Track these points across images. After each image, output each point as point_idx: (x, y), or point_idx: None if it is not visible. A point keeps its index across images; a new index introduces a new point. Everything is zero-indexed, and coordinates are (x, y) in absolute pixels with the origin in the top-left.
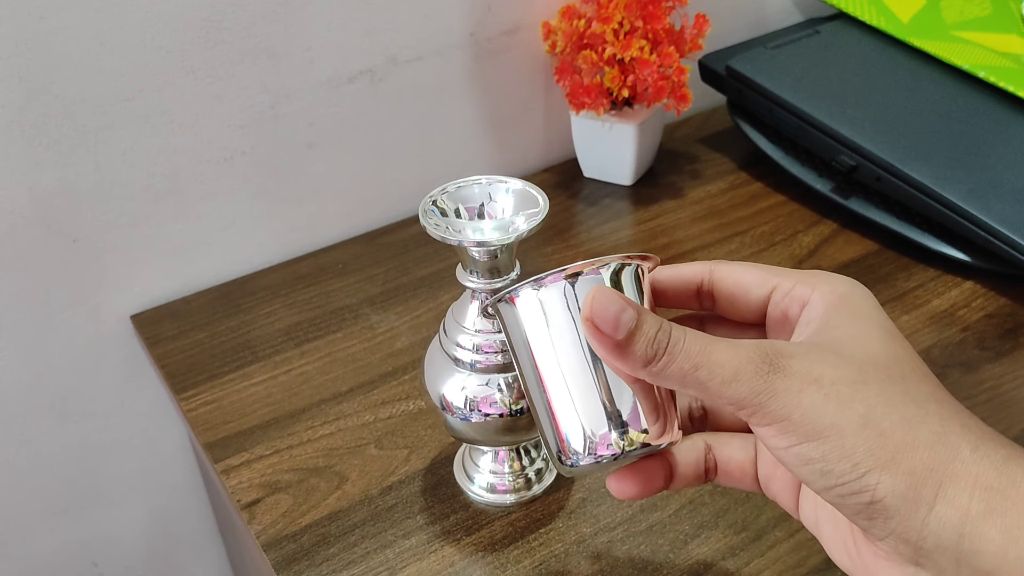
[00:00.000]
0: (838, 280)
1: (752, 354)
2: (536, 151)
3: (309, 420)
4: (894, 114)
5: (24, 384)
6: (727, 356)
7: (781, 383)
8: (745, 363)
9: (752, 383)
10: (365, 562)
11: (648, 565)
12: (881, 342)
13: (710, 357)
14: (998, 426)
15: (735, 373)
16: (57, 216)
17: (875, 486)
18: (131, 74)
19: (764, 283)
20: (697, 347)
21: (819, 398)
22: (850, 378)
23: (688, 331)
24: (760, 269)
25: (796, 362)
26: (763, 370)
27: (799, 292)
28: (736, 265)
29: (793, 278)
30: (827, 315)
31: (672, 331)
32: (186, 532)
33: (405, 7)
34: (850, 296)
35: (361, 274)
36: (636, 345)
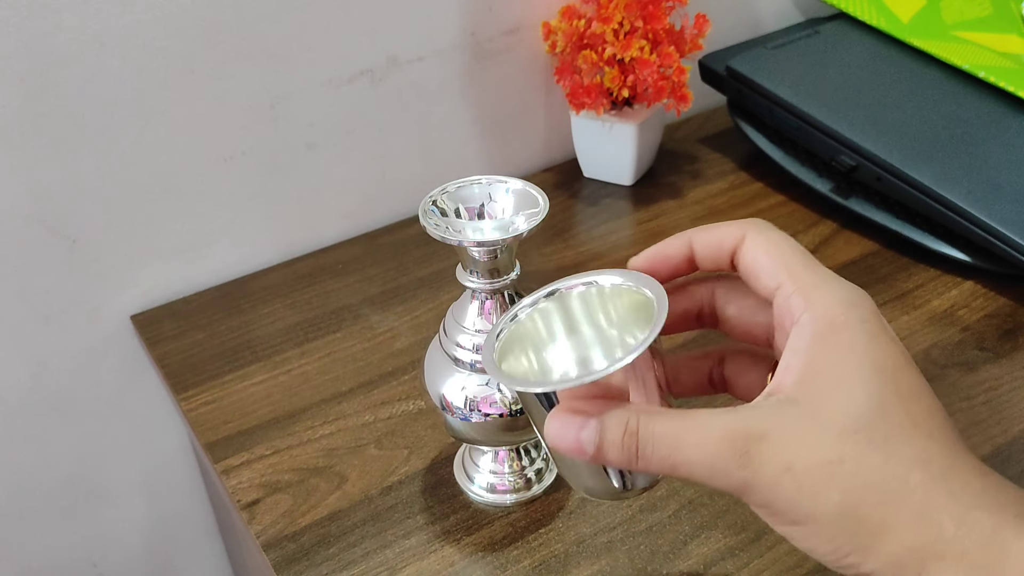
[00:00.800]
0: (836, 297)
1: (722, 448)
2: (536, 151)
3: (309, 420)
4: (894, 114)
5: (24, 384)
6: (698, 453)
7: (754, 477)
8: (716, 460)
9: (728, 479)
10: (365, 562)
11: (648, 565)
12: (867, 391)
13: (683, 455)
14: (997, 427)
15: (710, 471)
16: (57, 216)
17: (858, 565)
18: (131, 74)
19: (772, 276)
20: (666, 448)
21: (793, 489)
22: (825, 459)
23: (658, 425)
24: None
25: (767, 447)
26: (735, 464)
27: (794, 305)
28: (763, 239)
29: (795, 282)
30: (812, 352)
31: (640, 431)
32: (186, 532)
33: (405, 7)
34: (842, 327)
35: (361, 274)
36: (609, 455)
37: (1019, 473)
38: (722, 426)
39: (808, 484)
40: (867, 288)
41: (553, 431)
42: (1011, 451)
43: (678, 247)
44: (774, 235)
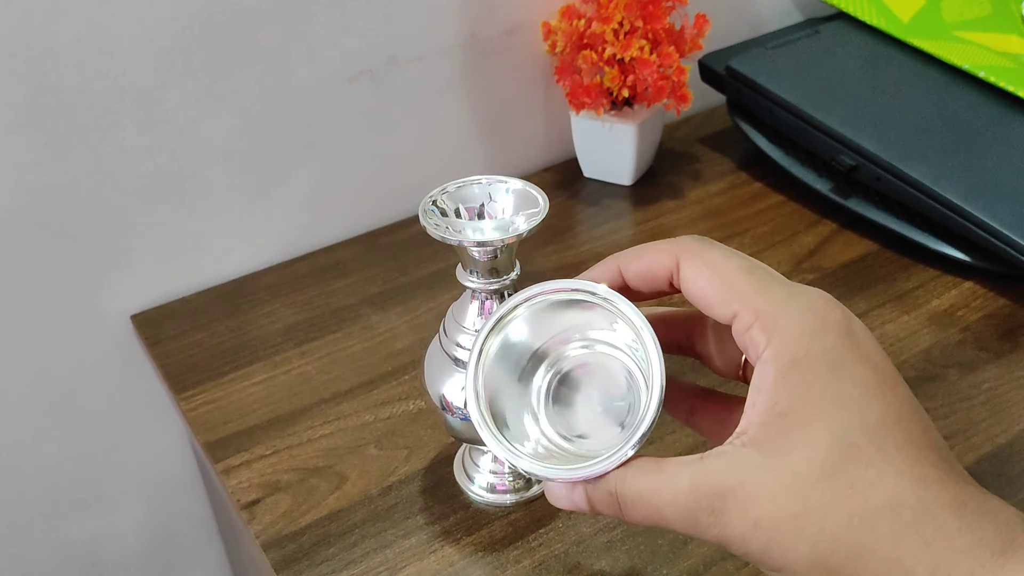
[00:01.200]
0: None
1: (692, 507)
2: (536, 151)
3: (309, 420)
4: (894, 114)
5: (24, 384)
6: (673, 512)
7: (724, 533)
8: (689, 518)
9: (705, 535)
10: (365, 562)
11: (648, 565)
12: (832, 432)
13: (661, 514)
14: (996, 427)
15: (686, 527)
16: (57, 216)
17: None
18: (131, 74)
19: (725, 305)
20: (645, 508)
21: (763, 543)
22: (790, 512)
23: (635, 484)
24: (723, 284)
25: (732, 504)
26: (705, 523)
27: (756, 337)
28: (701, 264)
29: (751, 310)
30: (776, 393)
31: (619, 494)
32: (186, 532)
33: (405, 7)
34: (803, 364)
35: (361, 274)
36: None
37: (1019, 473)
38: (688, 484)
39: (776, 538)
40: (867, 288)
41: (553, 493)
42: (1011, 451)
43: (607, 277)
44: (709, 255)
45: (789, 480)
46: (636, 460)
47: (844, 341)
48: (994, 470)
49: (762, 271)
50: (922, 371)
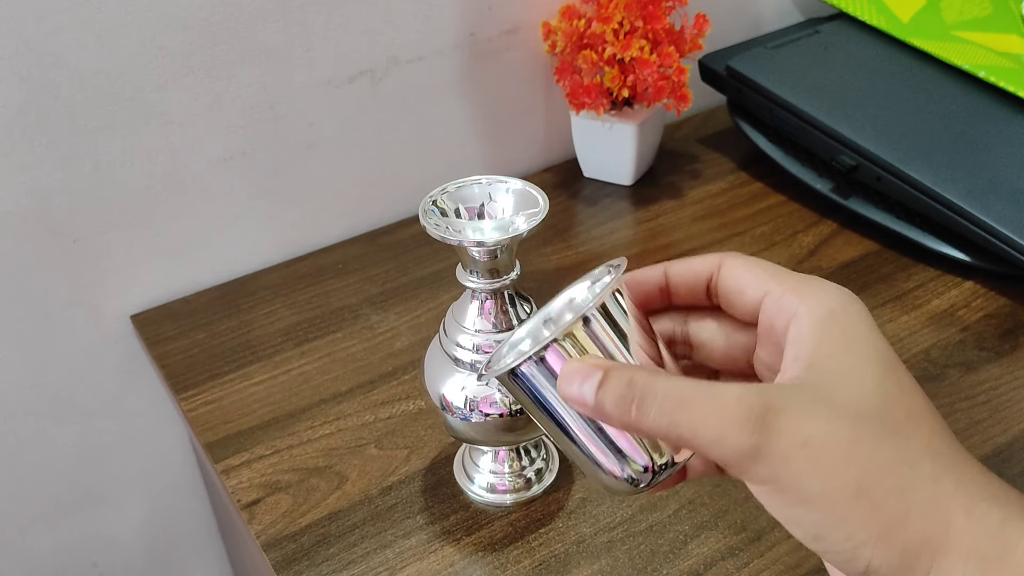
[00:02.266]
0: (829, 293)
1: (736, 411)
2: (536, 151)
3: (309, 420)
4: (894, 114)
5: (24, 384)
6: (708, 414)
7: (768, 446)
8: (729, 423)
9: (737, 445)
10: (365, 562)
11: (648, 565)
12: (875, 379)
13: (689, 415)
14: (997, 427)
15: (719, 435)
16: (57, 216)
17: (869, 560)
18: (131, 74)
19: (759, 286)
20: (671, 404)
21: (808, 465)
22: (843, 437)
23: (664, 384)
24: (760, 270)
25: (785, 419)
26: (748, 430)
27: (787, 303)
28: (742, 261)
29: (784, 285)
30: (817, 338)
31: (643, 386)
32: (186, 532)
33: (405, 7)
34: (841, 315)
35: (361, 274)
36: (606, 406)
37: (1019, 473)
38: (737, 394)
39: (825, 460)
40: (867, 288)
41: (562, 377)
42: (1011, 451)
43: (654, 276)
44: (751, 258)
45: (842, 411)
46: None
47: (871, 317)
48: (994, 469)
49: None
50: (922, 371)
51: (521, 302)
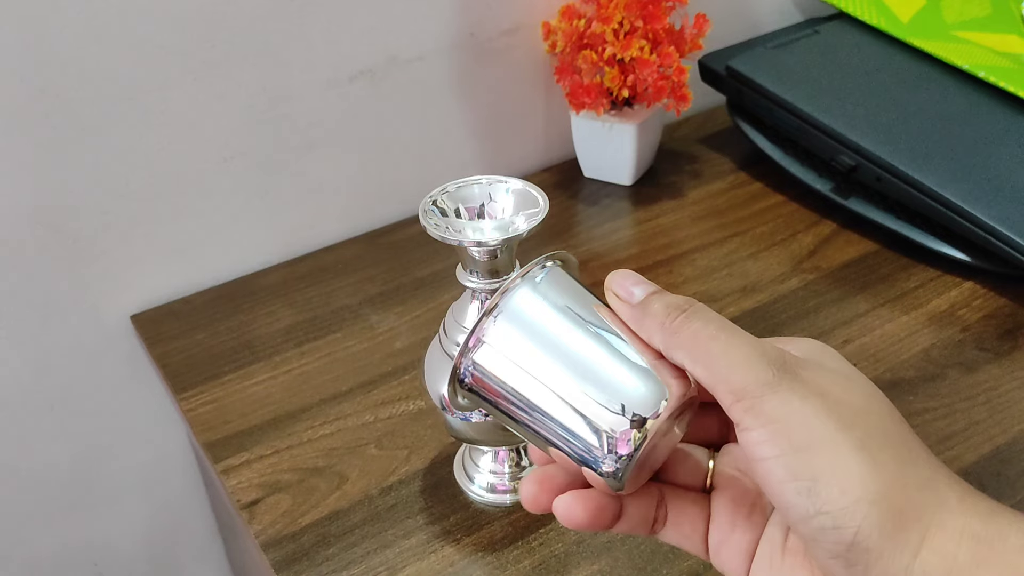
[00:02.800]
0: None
1: (767, 348)
2: (536, 151)
3: (309, 420)
4: (894, 114)
5: (24, 384)
6: (742, 340)
7: (787, 382)
8: (758, 353)
9: (759, 373)
10: (365, 562)
11: (647, 565)
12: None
13: (728, 335)
14: (997, 427)
15: (747, 358)
16: (57, 216)
17: (860, 521)
18: (131, 74)
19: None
20: (716, 322)
21: (822, 410)
22: (855, 404)
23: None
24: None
25: (807, 372)
26: (775, 364)
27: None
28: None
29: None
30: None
31: (693, 303)
32: (186, 532)
33: (405, 7)
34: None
35: (361, 274)
36: (653, 310)
37: (1019, 473)
38: (772, 340)
39: (837, 412)
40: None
41: (615, 275)
42: (1011, 451)
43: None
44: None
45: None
46: None
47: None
48: (993, 470)
49: None
50: (922, 371)
51: None
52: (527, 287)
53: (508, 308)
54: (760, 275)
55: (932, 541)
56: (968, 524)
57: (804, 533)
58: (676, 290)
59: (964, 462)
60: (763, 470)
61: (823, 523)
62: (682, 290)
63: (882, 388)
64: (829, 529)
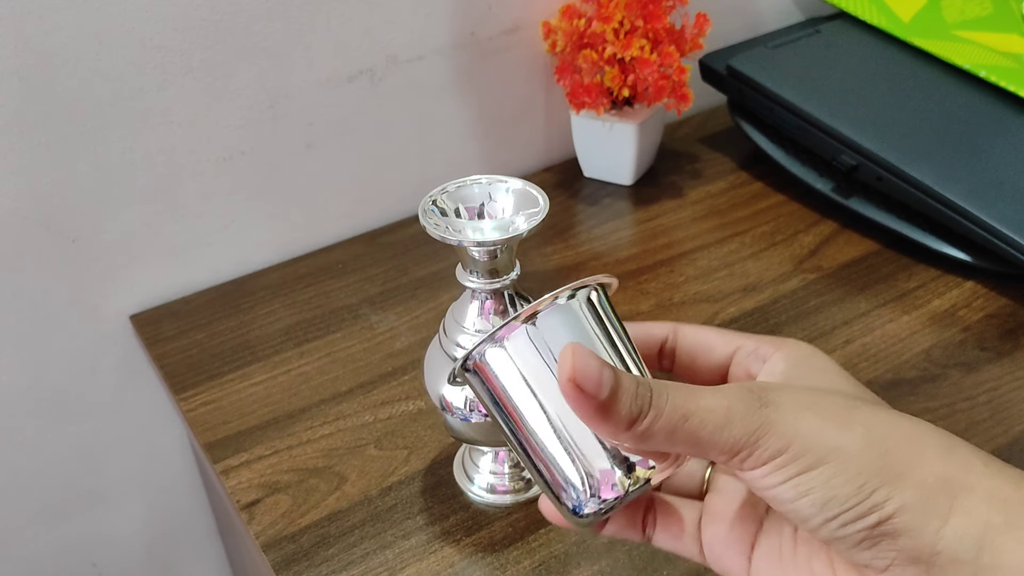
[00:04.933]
0: (801, 344)
1: (740, 393)
2: (536, 151)
3: (309, 420)
4: (895, 114)
5: (23, 384)
6: (715, 400)
7: (775, 415)
8: (736, 403)
9: (746, 422)
10: (365, 563)
11: (648, 566)
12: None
13: (698, 404)
14: (998, 427)
15: (727, 416)
16: (57, 216)
17: (883, 503)
18: (131, 74)
19: (728, 343)
20: (682, 396)
21: (818, 422)
22: (842, 403)
23: (668, 382)
24: (724, 331)
25: (785, 395)
26: (755, 406)
27: (763, 351)
28: (699, 326)
29: (756, 340)
30: (790, 370)
31: (652, 384)
32: (185, 532)
33: (405, 6)
34: (812, 357)
35: (361, 274)
36: (620, 403)
37: None
38: (735, 385)
39: (832, 416)
40: (868, 288)
41: (579, 360)
42: (1012, 451)
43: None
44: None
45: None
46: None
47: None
48: None
49: None
50: (923, 371)
51: (521, 302)
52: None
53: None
54: (761, 275)
55: (962, 506)
56: (998, 487)
57: (823, 537)
58: (677, 290)
59: None
60: (772, 495)
61: (843, 520)
62: (683, 290)
63: (883, 388)
64: (850, 523)
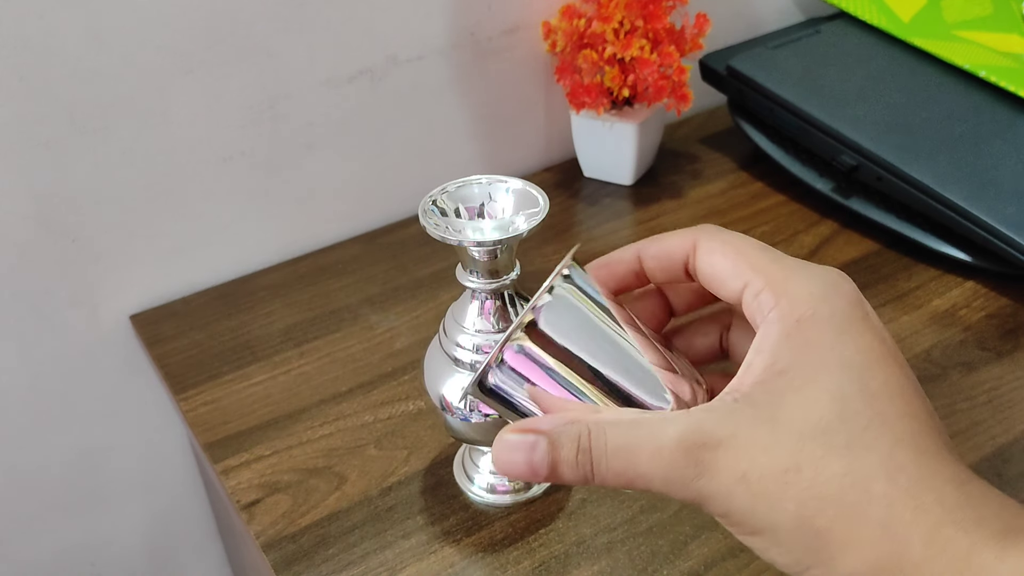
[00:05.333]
0: (804, 291)
1: (677, 458)
2: (536, 151)
3: (309, 420)
4: (895, 114)
5: (23, 384)
6: (653, 466)
7: (709, 487)
8: (671, 471)
9: (684, 491)
10: (365, 563)
11: (648, 566)
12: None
13: (637, 470)
14: (998, 427)
15: (665, 483)
16: (56, 216)
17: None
18: (131, 74)
19: (737, 277)
20: (620, 463)
21: (748, 499)
22: (780, 467)
23: (611, 438)
24: (737, 255)
25: (722, 455)
26: (690, 475)
27: (765, 300)
28: (718, 243)
29: (763, 277)
30: (776, 352)
31: (593, 448)
32: (185, 533)
33: (405, 6)
34: (808, 323)
35: (361, 274)
36: (564, 475)
37: (1020, 473)
38: (675, 435)
39: (763, 493)
40: (868, 288)
41: (501, 456)
42: (1012, 451)
43: (626, 260)
44: (727, 236)
45: (783, 434)
46: (610, 413)
47: (853, 309)
48: (994, 470)
49: (778, 252)
50: (923, 371)
51: (521, 302)
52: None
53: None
54: None
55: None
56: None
57: None
58: None
59: (966, 462)
60: None
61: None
62: None
63: None
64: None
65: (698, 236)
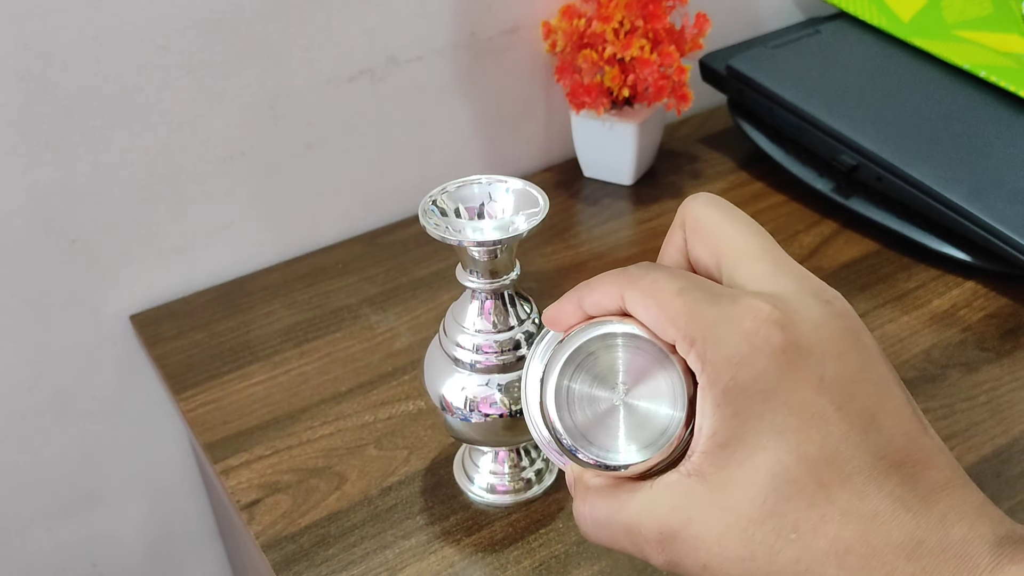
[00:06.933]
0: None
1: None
2: (536, 151)
3: (309, 420)
4: (895, 114)
5: (23, 384)
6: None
7: (678, 567)
8: (643, 548)
9: (656, 562)
10: (365, 563)
11: (648, 566)
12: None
13: (621, 545)
14: (998, 427)
15: (641, 554)
16: (56, 216)
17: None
18: (131, 74)
19: (664, 332)
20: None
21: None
22: (738, 555)
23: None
24: (659, 312)
25: (680, 544)
26: (659, 560)
27: (693, 363)
28: (639, 296)
29: (685, 338)
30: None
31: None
32: (185, 533)
33: (405, 7)
34: (736, 390)
35: (361, 274)
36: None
37: (1020, 474)
38: (637, 515)
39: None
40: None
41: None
42: (1011, 452)
43: (570, 312)
44: (646, 281)
45: (733, 520)
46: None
47: (777, 364)
48: (994, 471)
49: (698, 289)
50: (923, 371)
51: (521, 302)
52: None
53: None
54: None
55: None
56: None
57: None
58: None
59: (965, 463)
60: None
61: None
62: None
63: None
64: None
65: (623, 287)
